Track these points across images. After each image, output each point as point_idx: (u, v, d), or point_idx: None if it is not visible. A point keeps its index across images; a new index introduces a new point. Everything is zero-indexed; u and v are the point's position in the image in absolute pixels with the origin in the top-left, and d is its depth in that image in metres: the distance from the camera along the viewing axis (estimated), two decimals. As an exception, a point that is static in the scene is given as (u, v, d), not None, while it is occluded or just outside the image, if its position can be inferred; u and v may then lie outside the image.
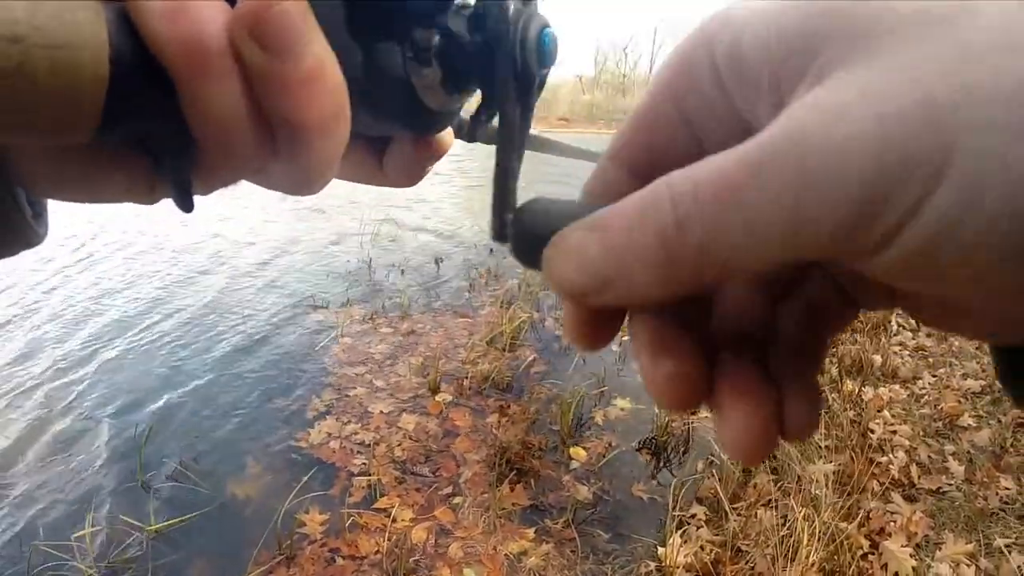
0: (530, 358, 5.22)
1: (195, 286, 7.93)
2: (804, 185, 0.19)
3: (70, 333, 6.53)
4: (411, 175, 0.32)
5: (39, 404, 4.96)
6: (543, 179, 16.93)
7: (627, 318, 0.28)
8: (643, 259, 0.22)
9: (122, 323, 6.70)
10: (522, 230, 0.27)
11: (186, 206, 0.26)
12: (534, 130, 0.32)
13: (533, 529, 3.35)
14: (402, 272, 7.91)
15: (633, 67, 47.41)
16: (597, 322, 0.28)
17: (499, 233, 0.30)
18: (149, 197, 0.27)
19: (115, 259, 9.79)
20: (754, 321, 0.28)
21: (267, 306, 6.85)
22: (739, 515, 3.22)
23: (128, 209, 13.99)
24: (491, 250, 8.74)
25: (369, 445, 4.10)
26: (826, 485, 3.27)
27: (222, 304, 7.04)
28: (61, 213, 11.68)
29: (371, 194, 14.88)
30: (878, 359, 4.89)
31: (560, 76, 47.09)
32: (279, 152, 0.26)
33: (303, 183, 0.29)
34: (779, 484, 3.43)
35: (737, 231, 0.20)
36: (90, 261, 9.74)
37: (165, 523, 3.45)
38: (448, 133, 0.35)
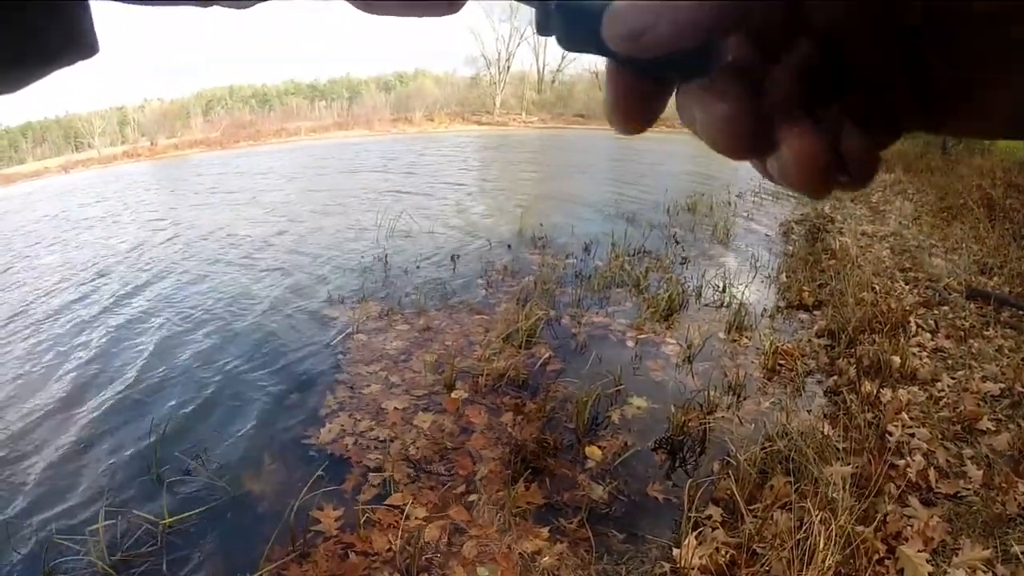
0: (546, 356, 5.22)
1: (209, 282, 7.98)
2: None
3: (85, 328, 6.60)
4: None
5: (54, 399, 5.02)
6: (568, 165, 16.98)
7: (676, 95, 0.29)
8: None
9: (136, 319, 6.75)
10: (571, 9, 0.29)
11: None
12: None
13: (547, 528, 3.35)
14: (418, 268, 7.92)
15: (650, 62, 47.43)
16: (641, 94, 0.29)
17: (543, 24, 0.30)
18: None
19: (135, 253, 9.91)
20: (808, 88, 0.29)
21: (283, 303, 6.89)
22: (755, 517, 3.21)
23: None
24: (508, 246, 8.73)
25: (384, 442, 4.11)
26: (843, 488, 3.24)
27: (238, 300, 7.07)
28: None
29: (384, 191, 14.92)
30: (896, 360, 4.85)
31: (576, 73, 46.98)
32: None
33: None
34: (796, 486, 3.40)
35: None
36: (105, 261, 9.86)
37: (178, 517, 3.48)
38: None
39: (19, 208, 17.67)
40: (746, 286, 7.00)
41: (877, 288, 6.55)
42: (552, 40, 0.30)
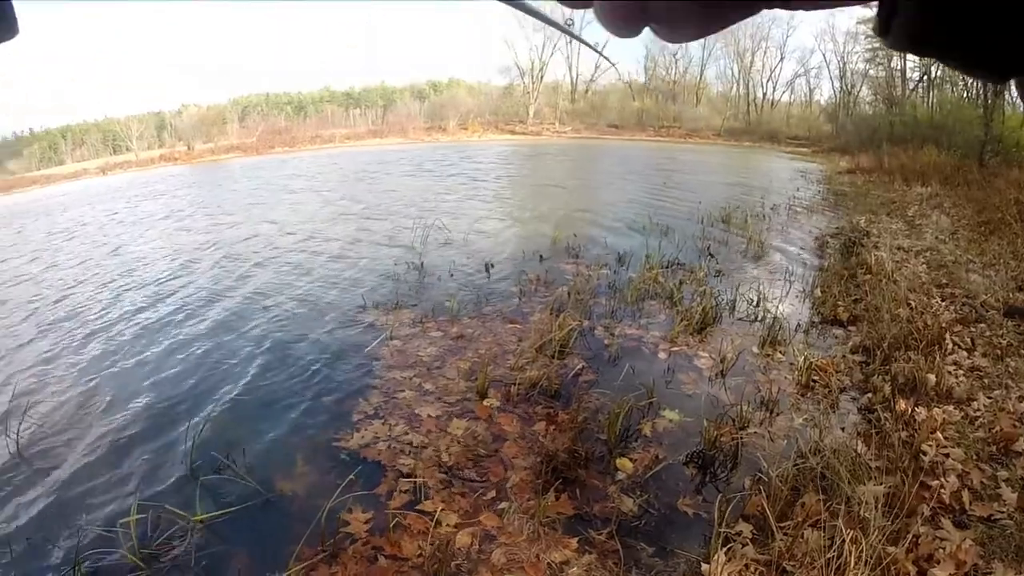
0: (579, 366, 5.24)
1: (247, 287, 8.08)
2: None
3: (123, 325, 6.72)
4: None
5: (91, 394, 5.12)
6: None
7: None
8: None
9: (173, 320, 6.87)
10: None
11: None
12: None
13: (576, 539, 3.37)
14: (452, 275, 7.98)
15: (683, 73, 46.89)
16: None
17: None
18: None
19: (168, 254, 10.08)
20: None
21: (319, 307, 6.97)
22: (785, 534, 3.19)
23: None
24: (541, 257, 8.76)
25: (416, 447, 4.15)
26: (875, 507, 3.21)
27: (274, 305, 7.17)
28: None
29: (420, 198, 15.02)
30: (932, 378, 4.79)
31: (609, 83, 46.86)
32: None
33: None
34: (827, 504, 3.38)
35: None
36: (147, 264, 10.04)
37: (210, 514, 3.55)
38: None
39: (58, 209, 18.03)
40: (780, 300, 6.97)
41: (913, 304, 6.48)
42: (584, 49, 0.35)
